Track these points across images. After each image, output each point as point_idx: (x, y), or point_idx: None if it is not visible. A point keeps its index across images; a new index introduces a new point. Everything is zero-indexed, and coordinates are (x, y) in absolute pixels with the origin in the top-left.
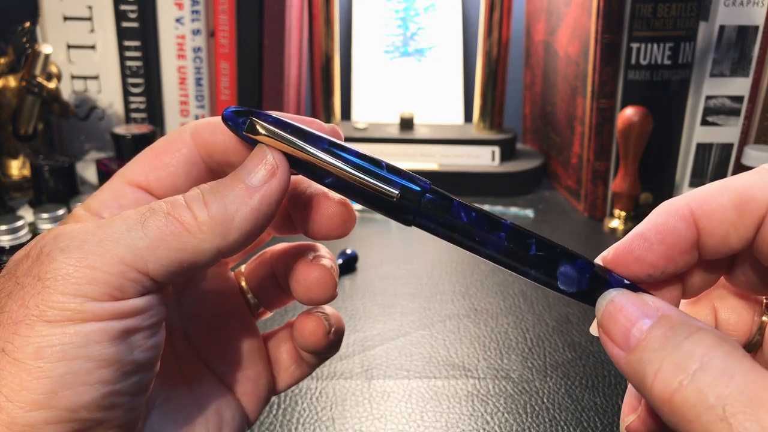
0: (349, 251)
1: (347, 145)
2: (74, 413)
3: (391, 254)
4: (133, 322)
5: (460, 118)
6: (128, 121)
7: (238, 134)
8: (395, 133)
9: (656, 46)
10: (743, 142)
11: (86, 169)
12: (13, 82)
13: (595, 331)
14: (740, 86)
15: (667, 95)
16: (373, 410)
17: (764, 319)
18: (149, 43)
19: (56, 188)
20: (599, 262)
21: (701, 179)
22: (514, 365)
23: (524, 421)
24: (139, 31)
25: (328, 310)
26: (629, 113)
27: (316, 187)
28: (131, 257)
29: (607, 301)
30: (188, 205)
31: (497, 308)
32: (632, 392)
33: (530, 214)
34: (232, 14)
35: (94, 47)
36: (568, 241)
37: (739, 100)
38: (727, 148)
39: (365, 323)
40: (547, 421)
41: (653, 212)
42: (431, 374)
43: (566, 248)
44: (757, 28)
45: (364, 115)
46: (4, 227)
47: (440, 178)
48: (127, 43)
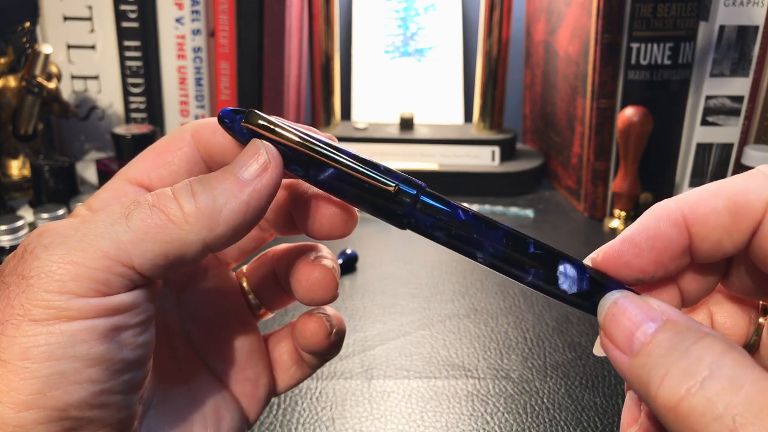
0: (349, 251)
1: (344, 147)
2: (64, 412)
3: (391, 254)
4: (120, 319)
5: (460, 118)
6: (128, 121)
7: (233, 134)
8: (395, 133)
9: (656, 46)
10: (743, 142)
11: (86, 169)
12: (13, 82)
13: (599, 351)
14: (740, 86)
15: (667, 95)
16: (373, 410)
17: (761, 321)
18: (149, 43)
19: (56, 188)
20: (588, 262)
21: (701, 179)
22: (514, 365)
23: (524, 421)
24: (139, 31)
25: (329, 311)
26: (629, 113)
27: None
28: (115, 251)
29: (609, 303)
30: (175, 196)
31: (497, 308)
32: (632, 401)
33: (530, 214)
34: (232, 14)
35: (94, 47)
36: (568, 240)
37: (739, 100)
38: (727, 148)
39: (365, 323)
40: (547, 421)
41: (645, 214)
42: (431, 374)
43: (564, 252)
44: (757, 28)
45: (364, 115)
46: (4, 227)
47: (440, 178)
48: (127, 43)
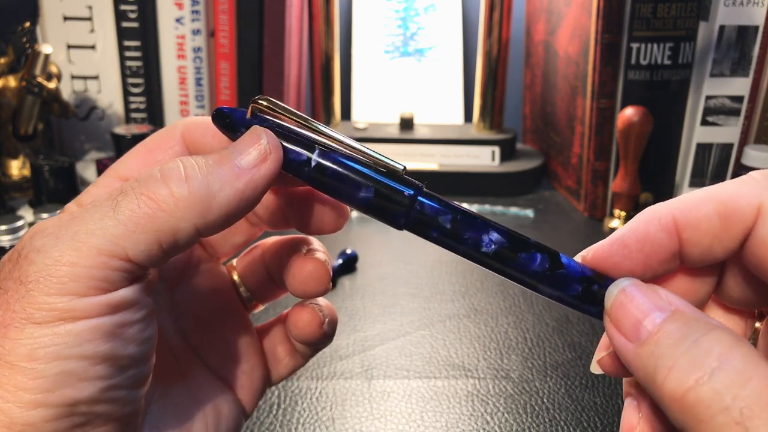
0: (349, 251)
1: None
2: (73, 408)
3: (391, 254)
4: (124, 316)
5: (460, 118)
6: (128, 121)
7: (228, 131)
8: (395, 133)
9: (656, 46)
10: (743, 142)
11: (86, 169)
12: (13, 82)
13: (596, 369)
14: (740, 86)
15: (667, 95)
16: (373, 410)
17: (757, 325)
18: (149, 43)
19: (56, 188)
20: (578, 260)
21: (701, 179)
22: (514, 365)
23: (524, 421)
24: (139, 31)
25: (321, 301)
26: (629, 113)
27: None
28: (108, 246)
29: (618, 289)
30: (165, 179)
31: (497, 308)
32: (630, 407)
33: (530, 214)
34: (232, 14)
35: (94, 47)
36: (568, 240)
37: (739, 100)
38: (727, 148)
39: (365, 323)
40: (547, 421)
41: (636, 217)
42: (431, 374)
43: (563, 253)
44: (757, 28)
45: (364, 115)
46: (4, 227)
47: (440, 178)
48: (127, 43)
